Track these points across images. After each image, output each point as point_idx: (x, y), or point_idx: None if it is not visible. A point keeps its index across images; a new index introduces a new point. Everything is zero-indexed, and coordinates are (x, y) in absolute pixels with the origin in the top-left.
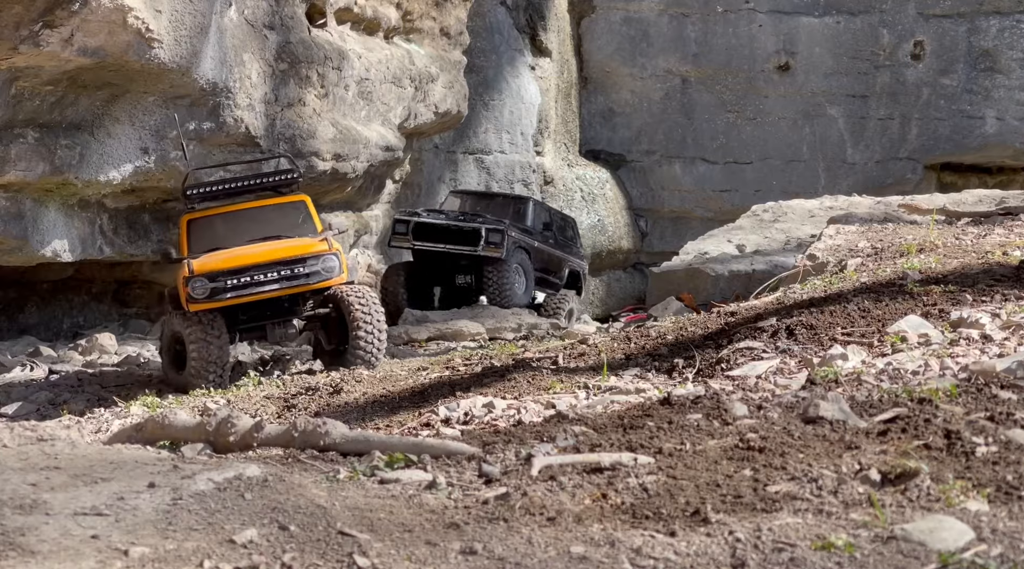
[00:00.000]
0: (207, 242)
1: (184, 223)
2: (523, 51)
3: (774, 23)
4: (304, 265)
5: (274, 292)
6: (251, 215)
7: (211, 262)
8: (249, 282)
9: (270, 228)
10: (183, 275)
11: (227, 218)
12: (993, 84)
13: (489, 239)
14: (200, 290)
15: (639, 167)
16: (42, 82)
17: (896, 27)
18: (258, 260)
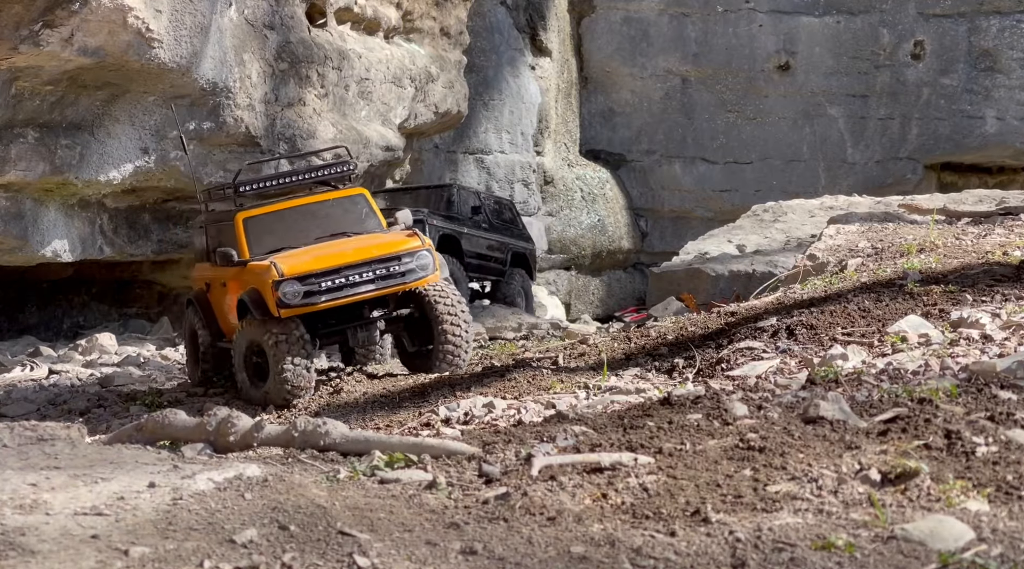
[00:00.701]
0: (269, 242)
1: (240, 222)
2: (523, 51)
3: (774, 23)
4: (399, 263)
5: (369, 293)
6: (312, 211)
7: (301, 263)
8: (344, 284)
9: (334, 224)
10: (271, 278)
11: (286, 215)
12: (993, 84)
13: None
14: (292, 294)
15: (639, 167)
16: (42, 82)
17: (896, 27)
18: (351, 259)
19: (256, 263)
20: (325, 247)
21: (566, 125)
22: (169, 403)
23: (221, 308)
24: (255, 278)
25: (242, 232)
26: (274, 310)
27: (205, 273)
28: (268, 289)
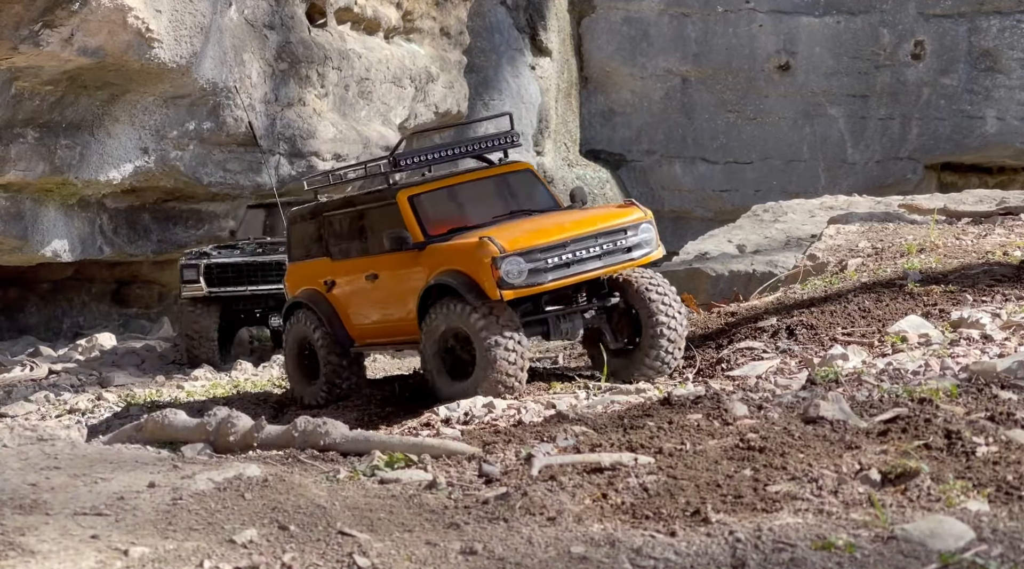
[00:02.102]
0: (442, 222)
1: (405, 201)
2: (523, 51)
3: (774, 23)
4: (625, 237)
5: (596, 271)
6: (482, 188)
7: (524, 236)
8: (571, 260)
9: (509, 202)
10: (490, 255)
11: (455, 193)
12: (993, 84)
13: None
14: (516, 273)
15: (639, 167)
16: (42, 82)
17: (896, 27)
18: (576, 232)
19: (461, 241)
20: (535, 221)
21: (566, 125)
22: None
23: (360, 307)
24: (463, 257)
25: (410, 212)
26: (493, 292)
27: (322, 270)
28: (485, 268)
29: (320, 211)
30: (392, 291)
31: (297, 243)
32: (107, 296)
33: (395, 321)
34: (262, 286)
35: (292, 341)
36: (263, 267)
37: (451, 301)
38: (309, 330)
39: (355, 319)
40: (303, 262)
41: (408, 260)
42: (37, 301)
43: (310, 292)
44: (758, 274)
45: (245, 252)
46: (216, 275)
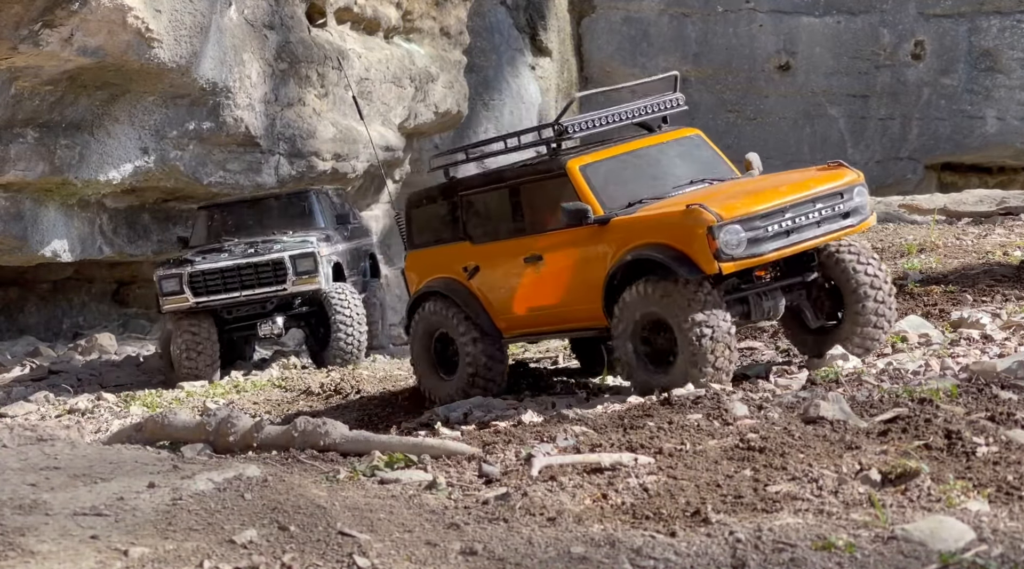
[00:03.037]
0: (620, 193)
1: (577, 171)
2: (523, 51)
3: (774, 23)
4: (842, 201)
5: (816, 240)
6: (655, 155)
7: (739, 202)
8: (791, 227)
9: (686, 170)
10: (705, 224)
11: (628, 161)
12: (994, 84)
13: (299, 268)
14: (735, 243)
15: None
16: (42, 82)
17: (896, 27)
18: (793, 197)
19: (661, 210)
20: (739, 185)
21: None
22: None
23: (516, 293)
24: (668, 228)
25: (584, 183)
26: (709, 264)
27: (460, 255)
28: (699, 238)
29: (455, 190)
30: (563, 273)
31: (422, 228)
32: (107, 296)
33: (565, 307)
34: (258, 290)
35: (422, 334)
36: (257, 269)
37: (648, 280)
38: (448, 321)
39: (505, 307)
40: (432, 248)
41: (585, 237)
42: (37, 301)
43: (446, 280)
44: None
45: (234, 254)
46: (204, 283)
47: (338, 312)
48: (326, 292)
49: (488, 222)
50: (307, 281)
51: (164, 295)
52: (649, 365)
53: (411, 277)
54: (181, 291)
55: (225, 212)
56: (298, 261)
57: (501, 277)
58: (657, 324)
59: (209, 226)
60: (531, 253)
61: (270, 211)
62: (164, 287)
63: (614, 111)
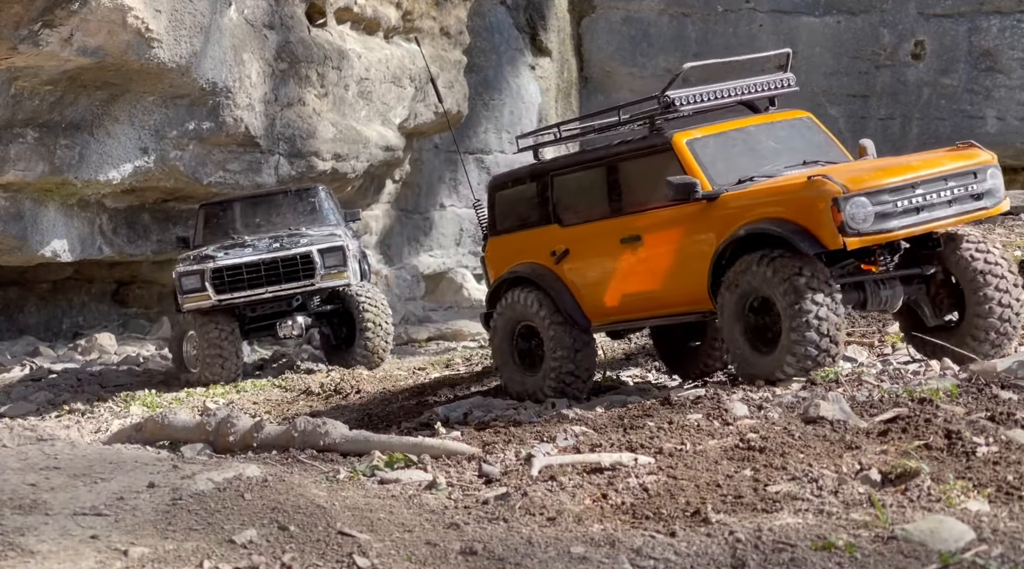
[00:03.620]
0: (729, 170)
1: (683, 145)
2: (523, 51)
3: (774, 23)
4: (975, 181)
5: (947, 220)
6: (764, 135)
7: (868, 176)
8: (922, 204)
9: (797, 151)
10: (829, 195)
11: (737, 139)
12: (994, 84)
13: (327, 263)
14: (862, 217)
15: None
16: (42, 82)
17: (896, 27)
18: (925, 172)
19: (779, 182)
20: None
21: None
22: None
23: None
24: (787, 201)
25: (691, 158)
26: (832, 239)
27: (548, 239)
28: (823, 211)
29: (544, 171)
30: (664, 254)
31: (505, 212)
32: (107, 296)
33: (666, 290)
34: (285, 285)
35: (504, 325)
36: (283, 264)
37: (756, 257)
38: (531, 311)
39: (598, 293)
40: (516, 233)
41: (691, 214)
42: (37, 301)
43: (532, 266)
44: None
45: (258, 248)
46: (226, 280)
47: (366, 311)
48: (351, 289)
49: (581, 203)
50: (336, 276)
51: (184, 293)
52: (754, 347)
53: (492, 265)
54: (202, 288)
55: (230, 209)
56: (326, 255)
57: (593, 260)
58: (765, 304)
59: (215, 224)
60: (629, 234)
61: (278, 207)
62: (184, 284)
63: (723, 87)
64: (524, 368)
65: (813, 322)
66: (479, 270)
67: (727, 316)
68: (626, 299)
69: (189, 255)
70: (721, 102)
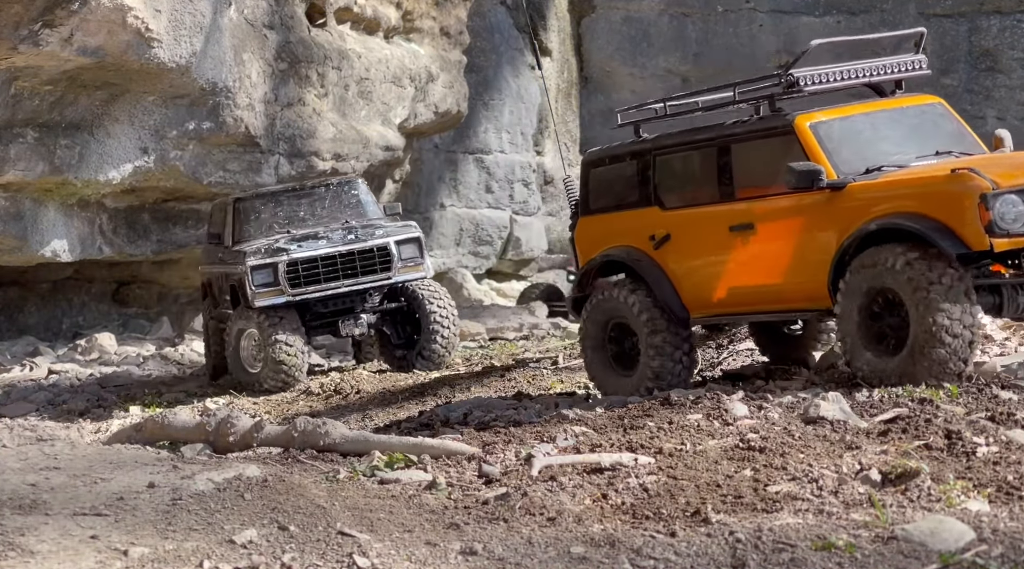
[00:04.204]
0: (859, 159)
1: (807, 129)
2: (523, 51)
3: (775, 23)
4: None
5: None
6: (894, 120)
7: (1019, 173)
8: None
9: (929, 139)
10: (977, 191)
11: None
12: (994, 84)
13: (403, 255)
14: (1012, 216)
15: None
16: (42, 82)
17: (896, 26)
18: None
19: (913, 174)
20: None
21: (566, 125)
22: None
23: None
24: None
25: (815, 143)
26: (978, 239)
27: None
28: (968, 208)
29: (646, 149)
30: (780, 245)
31: (600, 190)
32: (107, 296)
33: (780, 284)
34: (362, 279)
35: (596, 317)
36: (360, 256)
37: (888, 254)
38: (625, 302)
39: (701, 283)
40: (611, 214)
41: (813, 204)
42: (37, 301)
43: (627, 250)
44: None
45: (333, 240)
46: (301, 274)
47: (433, 309)
48: (417, 285)
49: (686, 185)
50: (412, 269)
51: (257, 288)
52: (877, 349)
53: (582, 246)
54: (276, 283)
55: (270, 203)
56: (403, 247)
57: (698, 248)
58: (891, 302)
59: (254, 219)
60: (740, 221)
61: (321, 201)
62: (256, 279)
63: (850, 67)
64: (616, 366)
65: (950, 329)
66: (479, 270)
67: (848, 315)
68: (733, 292)
69: (256, 246)
70: (847, 83)
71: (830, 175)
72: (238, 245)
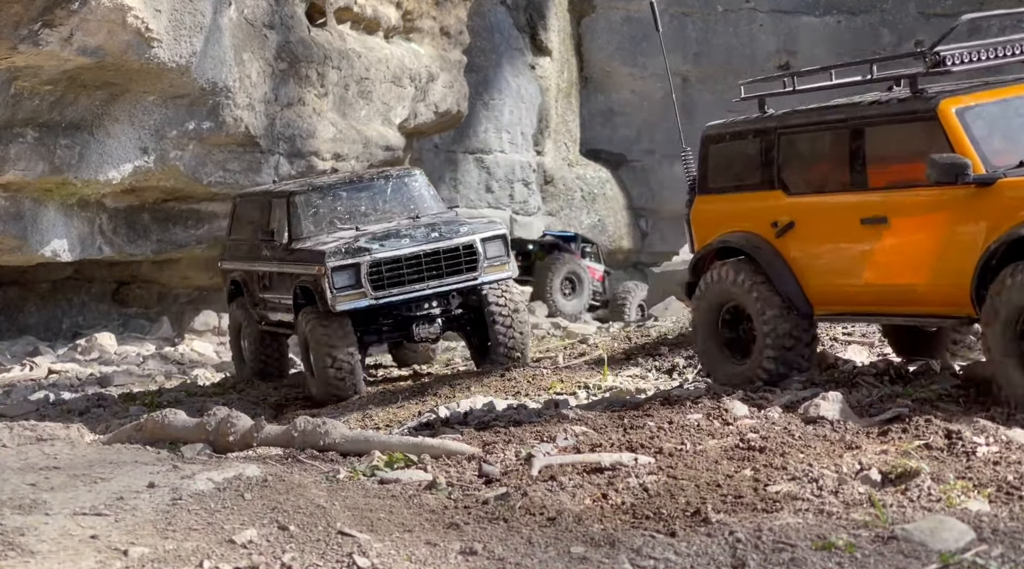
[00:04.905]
0: (1012, 151)
1: (952, 115)
2: (523, 50)
3: (775, 22)
4: None
5: None
6: None
7: None
8: None
9: None
10: None
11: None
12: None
13: (489, 253)
14: None
15: (639, 167)
16: (42, 82)
17: (897, 26)
18: None
19: None
20: None
21: (566, 125)
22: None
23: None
24: None
25: (961, 131)
26: None
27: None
28: None
29: (771, 127)
30: (917, 242)
31: (720, 168)
32: (107, 296)
33: (914, 285)
34: (447, 280)
35: (709, 305)
36: (444, 255)
37: None
38: (741, 289)
39: (826, 277)
40: (730, 195)
41: (956, 200)
42: (37, 301)
43: (747, 236)
44: None
45: (416, 238)
46: (384, 275)
47: (498, 317)
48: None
49: (814, 169)
50: (498, 268)
51: (338, 290)
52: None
53: (697, 227)
54: (358, 285)
55: (328, 197)
56: (488, 245)
57: (824, 239)
58: None
59: (311, 213)
60: (872, 214)
61: (381, 194)
62: (337, 281)
63: (1005, 43)
64: (729, 356)
65: None
66: None
67: (996, 328)
68: (861, 290)
69: (334, 246)
70: (1003, 61)
71: (977, 169)
72: (299, 242)
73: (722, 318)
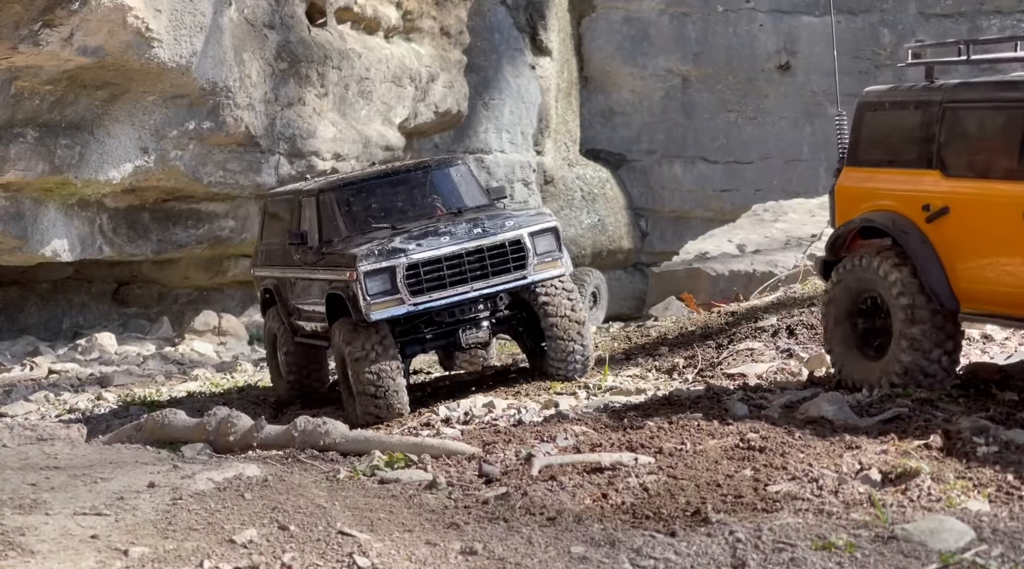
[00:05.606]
0: None
1: None
2: (523, 50)
3: (775, 22)
4: None
5: None
6: None
7: None
8: None
9: None
10: None
11: None
12: None
13: (539, 249)
14: None
15: (639, 167)
16: (42, 82)
17: (897, 26)
18: None
19: None
20: None
21: (566, 125)
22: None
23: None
24: None
25: None
26: None
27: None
28: None
29: (936, 99)
30: None
31: (873, 139)
32: (107, 296)
33: None
34: (493, 281)
35: (848, 286)
36: (489, 253)
37: None
38: (882, 275)
39: (979, 272)
40: (882, 169)
41: None
42: (37, 301)
43: (893, 218)
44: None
45: (457, 235)
46: (423, 278)
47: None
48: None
49: (979, 150)
50: (549, 266)
51: (372, 297)
52: None
53: (842, 201)
54: (395, 290)
55: (363, 192)
56: (538, 239)
57: (980, 230)
58: None
59: (343, 212)
60: None
61: (422, 186)
62: (371, 287)
63: None
64: (859, 352)
65: None
66: None
67: None
68: (1017, 291)
69: (366, 247)
70: None
71: None
72: (333, 245)
73: (859, 307)
